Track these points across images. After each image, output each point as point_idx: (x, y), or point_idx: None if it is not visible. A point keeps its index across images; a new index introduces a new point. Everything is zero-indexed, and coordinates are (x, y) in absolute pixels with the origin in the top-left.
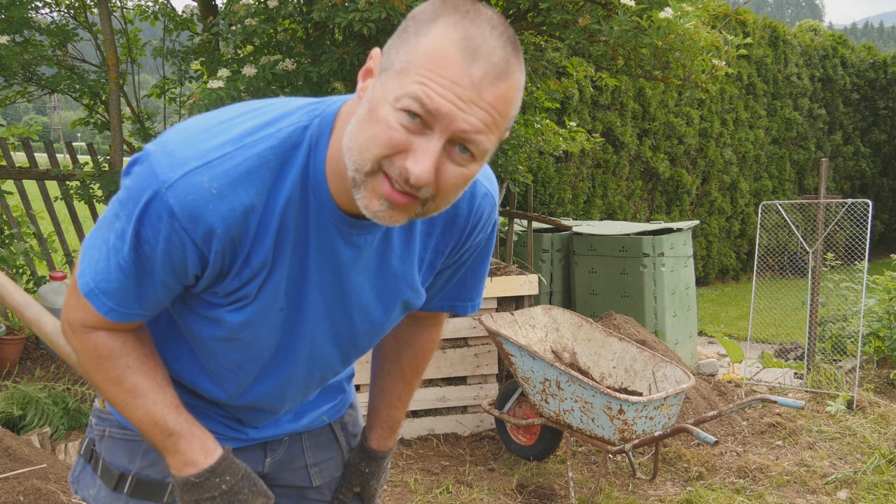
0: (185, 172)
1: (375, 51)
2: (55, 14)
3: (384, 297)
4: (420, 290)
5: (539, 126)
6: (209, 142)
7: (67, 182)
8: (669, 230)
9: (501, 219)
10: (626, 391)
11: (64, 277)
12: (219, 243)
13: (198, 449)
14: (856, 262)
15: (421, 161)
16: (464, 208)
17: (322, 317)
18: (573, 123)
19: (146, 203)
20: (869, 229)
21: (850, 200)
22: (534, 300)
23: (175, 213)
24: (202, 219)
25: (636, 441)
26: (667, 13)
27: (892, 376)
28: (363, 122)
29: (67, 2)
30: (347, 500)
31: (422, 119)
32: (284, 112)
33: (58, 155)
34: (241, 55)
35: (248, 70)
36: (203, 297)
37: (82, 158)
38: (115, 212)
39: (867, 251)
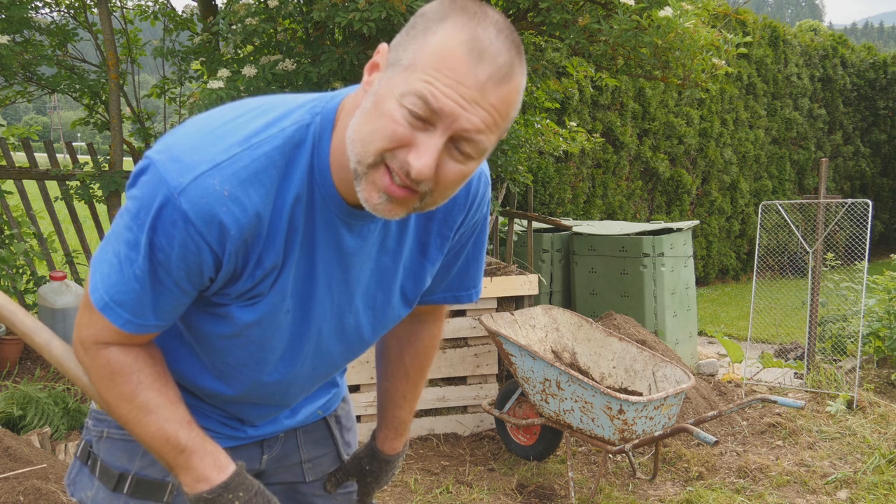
0: (196, 176)
1: (383, 46)
2: (55, 14)
3: (384, 283)
4: (418, 276)
5: (539, 126)
6: (216, 145)
7: (67, 182)
8: (669, 230)
9: (501, 219)
10: (626, 391)
11: (64, 277)
12: (232, 245)
13: (210, 465)
14: (856, 262)
15: (423, 156)
16: (461, 190)
17: (328, 312)
18: (573, 123)
19: (158, 210)
20: (869, 229)
21: (850, 200)
22: (534, 300)
23: (189, 217)
24: (216, 221)
25: (636, 441)
26: (666, 12)
27: (892, 377)
28: (368, 114)
29: (67, 2)
30: (337, 484)
31: (426, 116)
32: (286, 111)
33: (58, 155)
34: (241, 55)
35: (248, 70)
36: (211, 299)
37: (82, 158)
38: (125, 223)
39: (867, 251)
